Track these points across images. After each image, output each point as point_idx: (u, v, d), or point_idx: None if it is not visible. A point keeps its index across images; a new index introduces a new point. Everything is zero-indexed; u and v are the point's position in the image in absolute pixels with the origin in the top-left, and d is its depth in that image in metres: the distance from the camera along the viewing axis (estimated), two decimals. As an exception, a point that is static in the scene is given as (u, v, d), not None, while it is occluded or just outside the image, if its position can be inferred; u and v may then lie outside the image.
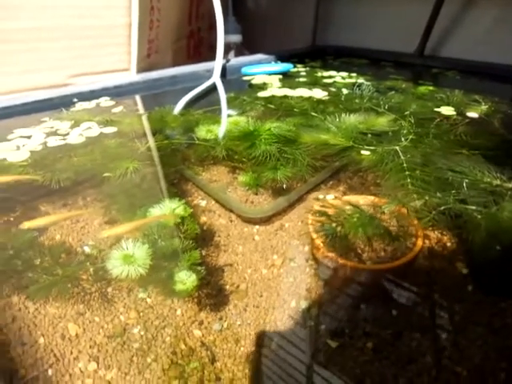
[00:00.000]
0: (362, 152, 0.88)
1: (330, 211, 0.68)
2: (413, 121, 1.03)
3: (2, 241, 0.69)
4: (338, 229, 0.63)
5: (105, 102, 1.34)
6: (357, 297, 0.64)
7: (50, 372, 0.52)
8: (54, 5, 1.30)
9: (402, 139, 0.91)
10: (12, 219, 0.77)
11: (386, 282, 0.65)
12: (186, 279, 0.58)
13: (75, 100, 1.32)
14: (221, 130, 1.04)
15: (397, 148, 0.86)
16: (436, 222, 0.63)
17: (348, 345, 0.55)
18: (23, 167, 0.86)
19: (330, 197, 0.84)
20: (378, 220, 0.66)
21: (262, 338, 0.57)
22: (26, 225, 0.68)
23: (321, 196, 0.86)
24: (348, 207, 0.69)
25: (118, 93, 1.43)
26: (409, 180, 0.74)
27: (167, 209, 0.69)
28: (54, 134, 1.05)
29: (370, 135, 0.95)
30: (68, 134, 1.05)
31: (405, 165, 0.79)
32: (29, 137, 1.03)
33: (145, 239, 0.63)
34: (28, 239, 0.70)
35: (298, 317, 0.60)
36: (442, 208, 0.65)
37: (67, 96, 1.32)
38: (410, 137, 0.92)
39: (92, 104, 1.31)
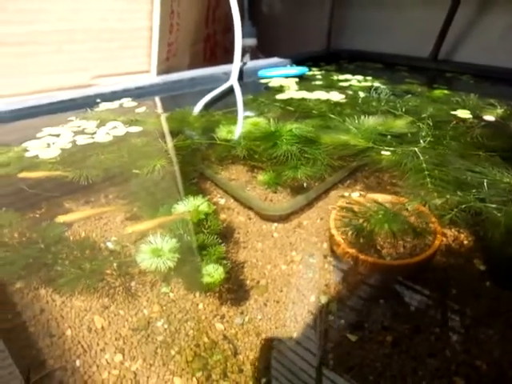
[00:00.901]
0: (382, 153, 0.90)
1: (356, 208, 0.70)
2: (430, 123, 1.04)
3: (33, 235, 0.71)
4: (365, 224, 0.65)
5: (127, 102, 1.37)
6: (376, 292, 0.64)
7: (77, 363, 0.54)
8: (80, 8, 1.34)
9: (421, 141, 0.92)
10: (44, 214, 0.80)
11: (405, 277, 0.66)
12: (213, 272, 0.60)
13: (98, 100, 1.36)
14: (241, 131, 1.06)
15: (416, 149, 0.87)
16: (458, 218, 0.65)
17: (367, 339, 0.56)
18: (53, 164, 0.89)
19: (356, 194, 0.86)
20: (403, 216, 0.68)
21: (282, 332, 0.58)
22: (61, 219, 0.71)
23: (342, 194, 0.88)
24: (371, 204, 0.71)
25: (138, 94, 1.46)
26: (428, 179, 0.75)
27: (191, 205, 0.71)
28: (82, 132, 1.09)
29: (389, 137, 0.96)
30: (95, 132, 1.08)
31: (424, 165, 0.80)
32: (57, 135, 1.06)
33: (171, 234, 0.65)
34: (57, 234, 0.71)
35: (317, 311, 0.61)
36: (464, 206, 0.67)
37: (90, 96, 1.36)
38: (428, 139, 0.93)
39: (115, 104, 1.35)
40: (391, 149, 0.90)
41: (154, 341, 0.57)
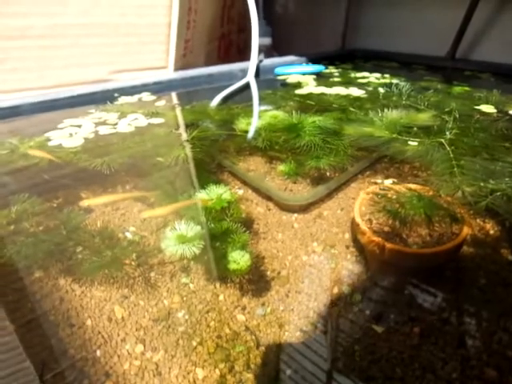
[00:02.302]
0: (409, 143, 0.88)
1: (389, 194, 0.69)
2: (454, 117, 1.03)
3: (55, 222, 0.71)
4: (399, 210, 0.64)
5: (146, 96, 1.38)
6: (402, 282, 0.63)
7: (98, 353, 0.53)
8: (100, 3, 1.34)
9: (447, 133, 0.91)
10: (66, 201, 0.80)
11: (433, 266, 0.64)
12: (239, 259, 0.59)
13: (116, 95, 1.36)
14: (260, 123, 1.06)
15: (442, 140, 0.87)
16: (494, 205, 0.63)
17: (394, 330, 0.55)
18: (76, 153, 0.89)
19: (388, 181, 0.84)
20: (438, 203, 0.67)
21: (305, 324, 0.57)
22: (86, 202, 0.71)
23: (374, 181, 0.87)
24: (404, 191, 0.70)
25: (156, 89, 1.47)
26: (456, 169, 0.74)
27: (214, 194, 0.70)
28: (103, 123, 1.09)
29: (415, 128, 0.95)
30: (117, 123, 1.08)
31: (451, 155, 0.79)
32: (79, 126, 1.07)
33: (194, 221, 0.64)
34: (79, 221, 0.72)
35: (341, 302, 0.60)
36: (499, 193, 0.65)
37: (109, 91, 1.38)
38: (454, 131, 0.92)
39: (134, 98, 1.35)
40: (417, 139, 0.89)
41: (175, 332, 0.56)
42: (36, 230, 0.68)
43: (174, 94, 1.52)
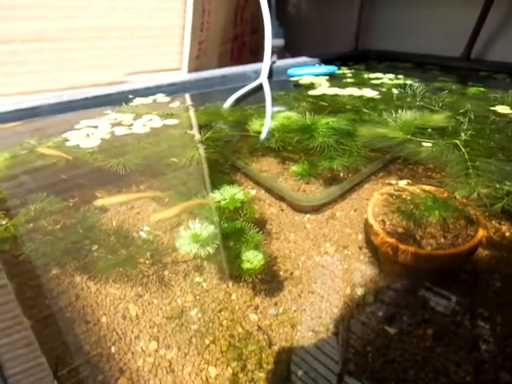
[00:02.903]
0: (423, 144, 0.88)
1: (403, 195, 0.69)
2: (469, 117, 1.01)
3: (72, 221, 0.72)
4: (414, 211, 0.64)
5: (160, 98, 1.40)
6: (416, 283, 0.62)
7: (112, 349, 0.54)
8: (115, 6, 1.36)
9: (462, 134, 0.90)
10: (83, 200, 0.82)
11: (446, 268, 0.64)
12: (252, 258, 0.59)
13: (131, 96, 1.38)
14: (273, 124, 1.06)
15: (457, 141, 0.86)
16: (510, 207, 0.62)
17: (407, 332, 0.54)
18: (93, 153, 0.91)
19: (403, 182, 0.84)
20: (453, 204, 0.66)
21: (317, 324, 0.57)
22: (100, 202, 0.73)
23: (389, 182, 0.87)
24: (418, 192, 0.70)
25: (170, 90, 1.48)
26: (472, 170, 0.73)
27: (228, 194, 0.71)
28: (119, 124, 1.11)
29: (429, 129, 0.94)
30: (132, 124, 1.10)
31: (466, 156, 0.78)
32: (95, 126, 1.09)
33: (208, 221, 0.65)
34: (95, 220, 0.73)
35: (353, 303, 0.60)
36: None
37: (124, 92, 1.40)
38: (469, 132, 0.91)
39: (148, 100, 1.37)
40: (431, 141, 0.88)
41: (188, 330, 0.57)
42: (53, 228, 0.69)
43: (187, 96, 1.53)
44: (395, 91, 1.34)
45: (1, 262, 0.65)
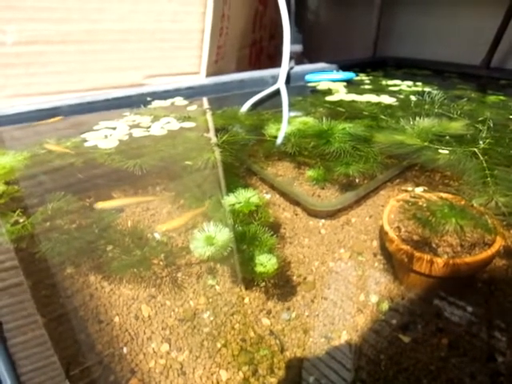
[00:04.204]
0: (440, 151, 0.86)
1: (420, 202, 0.68)
2: (488, 126, 0.99)
3: (88, 220, 0.73)
4: (430, 218, 0.63)
5: (179, 101, 1.41)
6: (431, 291, 0.62)
7: (125, 350, 0.55)
8: (136, 9, 1.38)
9: (480, 142, 0.89)
10: (100, 200, 0.82)
11: (462, 277, 0.62)
12: (266, 262, 0.59)
13: (149, 99, 1.40)
14: (290, 129, 1.06)
15: (475, 149, 0.85)
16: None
17: (421, 340, 0.54)
18: (110, 154, 0.92)
19: (419, 189, 0.83)
20: (470, 212, 0.65)
21: (330, 330, 0.56)
22: (100, 205, 0.74)
23: (405, 188, 0.87)
24: (435, 200, 0.69)
25: (188, 94, 1.49)
26: (490, 179, 0.72)
27: (242, 197, 0.71)
28: (137, 126, 1.12)
29: (447, 137, 0.93)
30: (150, 126, 1.11)
31: (485, 164, 0.77)
32: (114, 128, 1.10)
33: (222, 223, 0.65)
34: (111, 220, 0.74)
35: (367, 310, 0.59)
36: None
37: (143, 95, 1.42)
38: (488, 140, 0.90)
39: (167, 103, 1.38)
40: (449, 148, 0.87)
41: (200, 332, 0.57)
42: (69, 228, 0.71)
43: (205, 99, 1.54)
44: (413, 98, 1.33)
45: (18, 259, 0.66)
